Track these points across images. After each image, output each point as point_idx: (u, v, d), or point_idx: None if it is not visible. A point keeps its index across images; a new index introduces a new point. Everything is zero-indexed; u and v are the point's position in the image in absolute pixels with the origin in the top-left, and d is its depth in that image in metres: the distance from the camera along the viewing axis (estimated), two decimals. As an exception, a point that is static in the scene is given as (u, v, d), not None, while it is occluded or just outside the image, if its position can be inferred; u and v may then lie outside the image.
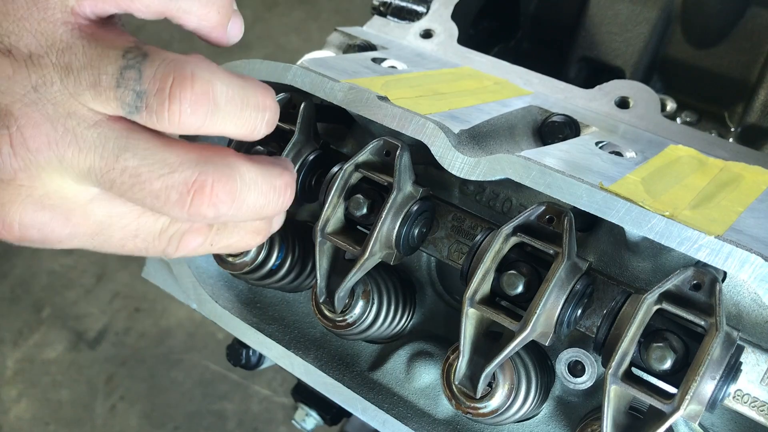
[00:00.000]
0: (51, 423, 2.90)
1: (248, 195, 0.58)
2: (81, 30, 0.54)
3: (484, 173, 0.67)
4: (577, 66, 1.30)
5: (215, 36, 0.61)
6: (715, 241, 0.56)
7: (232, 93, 0.56)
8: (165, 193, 0.55)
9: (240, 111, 0.57)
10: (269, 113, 0.60)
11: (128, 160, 0.54)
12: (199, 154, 0.56)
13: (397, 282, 0.83)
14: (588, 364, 0.71)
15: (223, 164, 0.56)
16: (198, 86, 0.53)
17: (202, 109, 0.54)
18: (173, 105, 0.52)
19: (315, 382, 0.80)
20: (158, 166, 0.54)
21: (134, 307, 3.16)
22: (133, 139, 0.54)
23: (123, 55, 0.53)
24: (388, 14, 1.12)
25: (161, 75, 0.53)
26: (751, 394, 0.64)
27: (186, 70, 0.53)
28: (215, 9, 0.59)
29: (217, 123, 0.55)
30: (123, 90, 0.53)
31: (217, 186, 0.55)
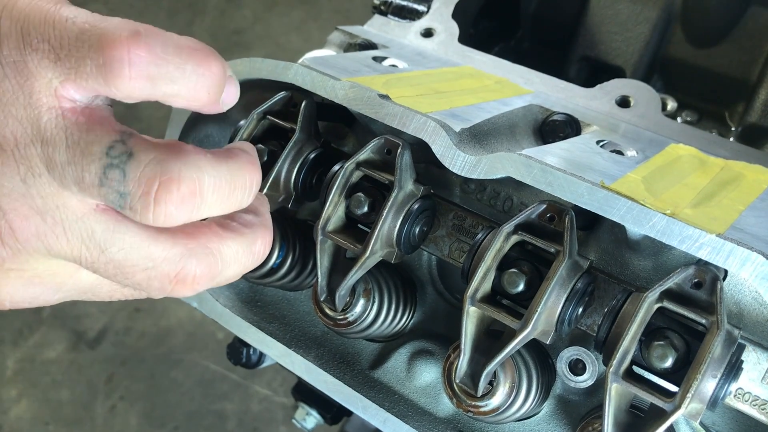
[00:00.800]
0: (51, 423, 2.90)
1: (228, 271, 0.59)
2: (65, 117, 0.52)
3: (485, 172, 0.67)
4: (578, 65, 1.30)
5: (207, 111, 0.58)
6: (717, 240, 0.56)
7: (220, 183, 0.55)
8: (147, 282, 0.55)
9: (227, 197, 0.56)
10: (255, 186, 0.59)
11: (113, 254, 0.54)
12: (184, 247, 0.55)
13: (398, 280, 0.83)
14: (589, 362, 0.71)
15: (207, 253, 0.56)
16: (185, 187, 0.52)
17: (189, 207, 0.53)
18: (158, 208, 0.52)
19: (315, 381, 0.80)
20: (142, 261, 0.54)
21: (134, 307, 3.16)
22: (119, 232, 0.54)
23: (107, 152, 0.52)
24: (389, 13, 1.12)
25: (146, 178, 0.51)
26: (752, 392, 0.64)
27: (173, 172, 0.52)
28: (204, 90, 0.56)
29: (204, 213, 0.55)
30: (107, 189, 0.52)
31: (199, 276, 0.56)
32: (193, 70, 0.54)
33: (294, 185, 0.79)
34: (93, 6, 3.54)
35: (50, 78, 0.52)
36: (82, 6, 0.55)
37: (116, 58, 0.50)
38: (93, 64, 0.51)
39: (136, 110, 3.58)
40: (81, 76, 0.51)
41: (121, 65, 0.50)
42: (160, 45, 0.52)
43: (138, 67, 0.51)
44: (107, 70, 0.51)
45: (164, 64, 0.52)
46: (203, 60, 0.54)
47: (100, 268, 0.55)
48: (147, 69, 0.51)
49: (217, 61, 0.55)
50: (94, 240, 0.54)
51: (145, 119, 3.56)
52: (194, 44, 0.55)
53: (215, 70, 0.55)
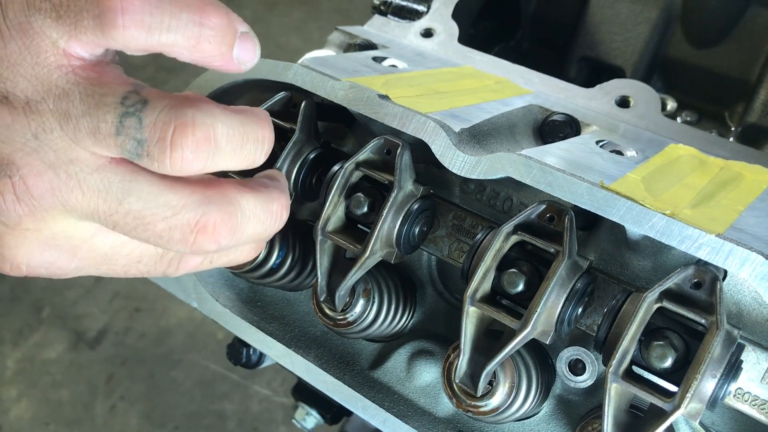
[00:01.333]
0: (51, 423, 2.90)
1: (248, 226, 0.59)
2: (76, 73, 0.53)
3: (485, 172, 0.67)
4: (578, 65, 1.30)
5: (219, 65, 0.58)
6: (716, 240, 0.56)
7: (232, 132, 0.55)
8: (168, 233, 0.55)
9: (240, 148, 0.56)
10: (267, 143, 0.60)
11: (132, 203, 0.54)
12: (202, 195, 0.56)
13: (398, 281, 0.83)
14: (588, 362, 0.71)
15: (225, 202, 0.57)
16: (199, 132, 0.53)
17: (204, 153, 0.53)
18: (175, 153, 0.52)
19: (315, 381, 0.80)
20: (162, 209, 0.54)
21: (134, 307, 3.16)
22: (136, 182, 0.54)
23: (121, 101, 0.52)
24: (389, 13, 1.12)
25: (162, 123, 0.52)
26: (751, 392, 0.64)
27: (187, 116, 0.52)
28: (206, 41, 0.55)
29: (219, 162, 0.55)
30: (123, 138, 0.52)
31: (219, 224, 0.56)
32: (190, 18, 0.53)
33: (294, 185, 0.79)
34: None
35: (55, 38, 0.52)
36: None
37: (110, 7, 0.51)
38: (89, 16, 0.51)
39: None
40: (80, 30, 0.52)
41: (114, 14, 0.51)
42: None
43: (131, 15, 0.51)
44: (102, 21, 0.51)
45: (158, 13, 0.52)
46: (200, 9, 0.54)
47: (119, 221, 0.54)
48: (141, 17, 0.52)
49: (217, 11, 0.55)
50: (111, 191, 0.54)
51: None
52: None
53: (215, 19, 0.55)
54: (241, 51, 0.57)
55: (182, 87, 0.61)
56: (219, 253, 0.64)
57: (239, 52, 0.57)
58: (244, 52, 0.58)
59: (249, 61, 0.59)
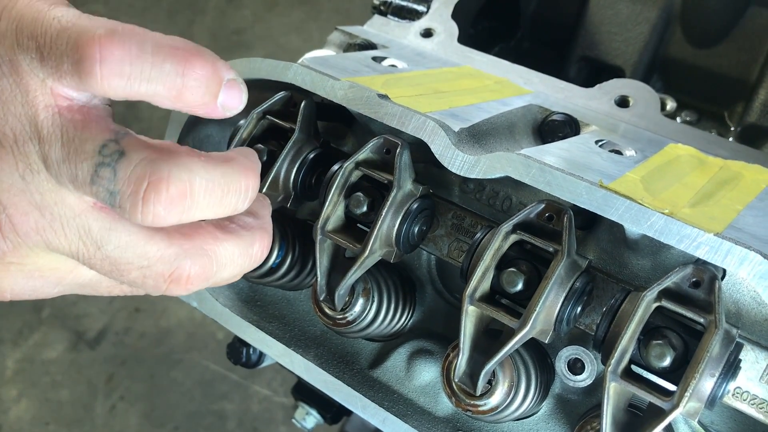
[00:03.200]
0: (51, 423, 2.90)
1: (223, 272, 0.59)
2: (61, 114, 0.53)
3: (484, 171, 0.67)
4: (577, 65, 1.30)
5: (203, 113, 0.56)
6: (715, 239, 0.56)
7: (212, 186, 0.54)
8: (142, 280, 0.56)
9: (220, 200, 0.55)
10: (251, 192, 0.58)
11: (109, 251, 0.54)
12: (179, 248, 0.56)
13: (397, 280, 0.83)
14: (587, 361, 0.72)
15: (201, 254, 0.56)
16: (174, 188, 0.52)
17: (177, 209, 0.53)
18: (146, 208, 0.51)
19: (315, 380, 0.80)
20: (138, 259, 0.55)
21: (134, 307, 3.16)
22: (115, 230, 0.54)
23: (99, 150, 0.52)
24: (389, 13, 1.12)
25: (136, 177, 0.51)
26: (750, 391, 0.64)
27: (162, 172, 0.51)
28: (188, 91, 0.54)
29: (196, 215, 0.54)
30: (97, 188, 0.52)
31: (193, 276, 0.56)
32: (173, 69, 0.52)
33: (293, 185, 0.79)
34: (93, 6, 3.54)
35: (42, 77, 0.52)
36: (82, 5, 0.55)
37: (88, 55, 0.50)
38: (69, 62, 0.51)
39: (136, 110, 3.59)
40: (61, 74, 0.51)
41: (92, 63, 0.50)
42: (136, 43, 0.51)
43: (110, 66, 0.51)
44: (80, 68, 0.51)
45: (139, 63, 0.51)
46: (185, 59, 0.53)
47: (96, 264, 0.55)
48: (120, 67, 0.51)
49: (202, 61, 0.54)
50: (91, 237, 0.54)
51: (146, 119, 3.56)
52: (178, 44, 0.53)
53: (199, 70, 0.54)
54: (226, 98, 0.56)
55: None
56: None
57: (224, 99, 0.56)
58: (230, 100, 0.57)
59: (234, 107, 0.58)
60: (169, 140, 0.87)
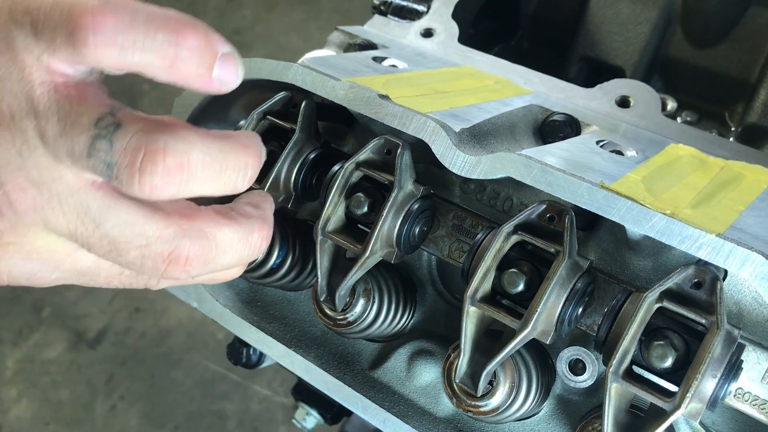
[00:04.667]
0: (51, 423, 2.90)
1: (223, 258, 0.58)
2: (57, 90, 0.52)
3: (485, 172, 0.67)
4: (578, 65, 1.30)
5: (198, 86, 0.56)
6: (716, 240, 0.56)
7: (209, 159, 0.54)
8: (140, 261, 0.55)
9: (218, 175, 0.55)
10: (251, 170, 0.58)
11: (108, 229, 0.54)
12: (178, 227, 0.55)
13: (398, 281, 0.83)
14: (589, 362, 0.71)
15: (201, 236, 0.56)
16: (170, 159, 0.51)
17: (175, 180, 0.52)
18: (144, 178, 0.51)
19: (316, 381, 0.80)
20: (136, 238, 0.54)
21: (134, 307, 3.16)
22: (114, 208, 0.54)
23: (96, 123, 0.52)
24: (389, 13, 1.12)
25: (132, 148, 0.51)
26: (752, 392, 0.64)
27: (159, 143, 0.51)
28: (182, 60, 0.53)
29: (194, 189, 0.54)
30: (94, 160, 0.52)
31: (192, 257, 0.56)
32: (165, 38, 0.52)
33: (294, 185, 0.79)
34: (93, 6, 3.55)
35: (37, 54, 0.52)
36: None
37: (81, 25, 0.50)
38: (62, 34, 0.51)
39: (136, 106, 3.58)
40: (55, 47, 0.51)
41: (85, 32, 0.50)
42: (129, 13, 0.51)
43: (103, 35, 0.51)
44: (74, 39, 0.50)
45: (132, 32, 0.51)
46: (177, 29, 0.53)
47: (95, 243, 0.55)
48: (113, 36, 0.51)
49: (194, 31, 0.53)
50: (89, 214, 0.54)
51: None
52: (171, 15, 0.53)
53: (192, 40, 0.53)
54: (222, 71, 0.56)
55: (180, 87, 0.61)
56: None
57: (220, 72, 0.56)
58: (225, 73, 0.56)
59: (231, 82, 0.57)
60: None
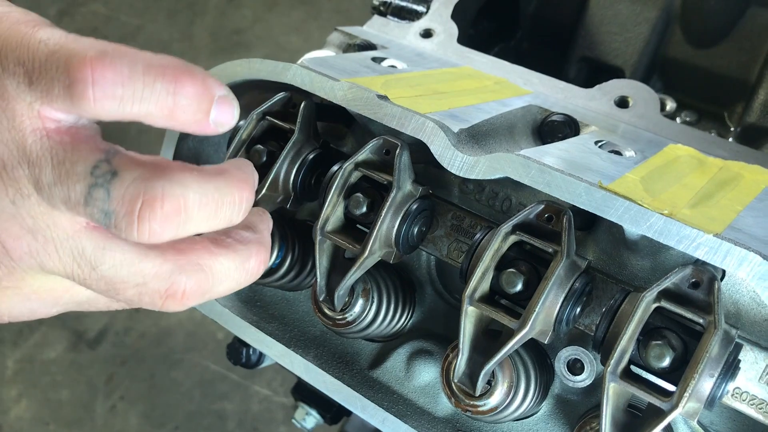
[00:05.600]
0: (51, 423, 2.90)
1: (219, 287, 0.59)
2: (50, 137, 0.52)
3: (484, 172, 0.67)
4: (577, 66, 1.30)
5: (195, 131, 0.56)
6: (714, 240, 0.57)
7: (206, 200, 0.54)
8: (138, 298, 0.56)
9: (215, 213, 0.55)
10: (245, 203, 0.58)
11: (104, 271, 0.54)
12: (174, 264, 0.55)
13: (397, 281, 0.83)
14: (587, 362, 0.72)
15: (197, 270, 0.56)
16: (168, 205, 0.51)
17: (172, 224, 0.52)
18: (142, 226, 0.51)
19: (315, 381, 0.80)
20: (133, 277, 0.55)
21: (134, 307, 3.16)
22: (109, 249, 0.54)
23: (91, 171, 0.52)
24: (388, 14, 1.12)
25: (130, 196, 0.51)
26: (749, 391, 0.64)
27: (156, 190, 0.51)
28: (180, 109, 0.53)
29: (191, 229, 0.54)
30: (92, 209, 0.52)
31: (188, 291, 0.56)
32: (164, 88, 0.52)
33: (293, 186, 0.79)
34: (93, 6, 3.54)
35: (30, 101, 0.52)
36: (82, 5, 0.55)
37: (80, 79, 0.50)
38: (60, 86, 0.50)
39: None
40: (52, 98, 0.51)
41: (84, 86, 0.50)
42: (127, 64, 0.51)
43: (102, 88, 0.50)
44: (72, 92, 0.50)
45: (131, 84, 0.51)
46: (175, 78, 0.53)
47: (92, 284, 0.55)
48: (112, 89, 0.51)
49: (192, 79, 0.53)
50: (85, 257, 0.54)
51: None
52: (167, 62, 0.53)
53: (190, 88, 0.53)
54: (218, 115, 0.56)
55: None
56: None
57: (216, 116, 0.56)
58: (222, 116, 0.56)
59: (227, 123, 0.57)
60: (171, 140, 0.87)
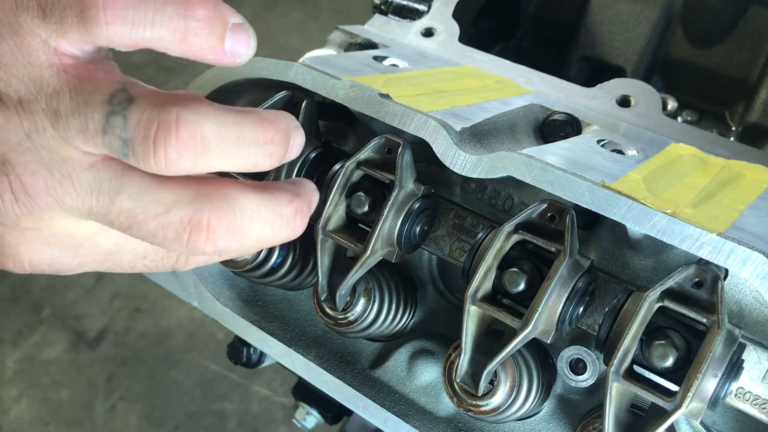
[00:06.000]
0: (51, 423, 2.90)
1: (251, 227, 0.56)
2: (67, 72, 0.53)
3: (486, 171, 0.67)
4: (579, 65, 1.30)
5: (211, 58, 0.55)
6: (717, 239, 0.56)
7: (224, 132, 0.53)
8: (162, 232, 0.54)
9: (235, 148, 0.54)
10: (271, 146, 0.56)
11: (123, 201, 0.53)
12: (196, 191, 0.54)
13: (399, 280, 0.83)
14: (589, 361, 0.71)
15: (221, 199, 0.55)
16: (183, 131, 0.51)
17: (190, 152, 0.52)
18: (158, 151, 0.51)
19: (316, 380, 0.80)
20: (153, 206, 0.53)
21: (134, 307, 3.16)
22: (127, 180, 0.54)
23: (109, 100, 0.52)
24: (389, 13, 1.12)
25: (146, 122, 0.51)
26: (752, 391, 0.64)
27: (171, 114, 0.51)
28: (192, 32, 0.53)
29: (210, 162, 0.53)
30: (110, 137, 0.52)
31: (214, 222, 0.54)
32: (175, 11, 0.52)
33: (294, 185, 0.79)
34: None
35: (45, 37, 0.52)
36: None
37: (91, 3, 0.51)
38: (73, 14, 0.51)
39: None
40: (65, 28, 0.51)
41: (96, 10, 0.51)
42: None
43: (113, 11, 0.51)
44: (85, 17, 0.51)
45: (142, 7, 0.51)
46: (185, 0, 0.53)
47: (113, 220, 0.54)
48: (123, 12, 0.51)
49: (203, 2, 0.53)
50: (103, 189, 0.53)
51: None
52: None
53: (201, 11, 0.53)
54: (234, 43, 0.56)
55: (182, 86, 0.60)
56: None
57: (232, 44, 0.55)
58: (237, 44, 0.56)
59: (244, 53, 0.57)
60: None
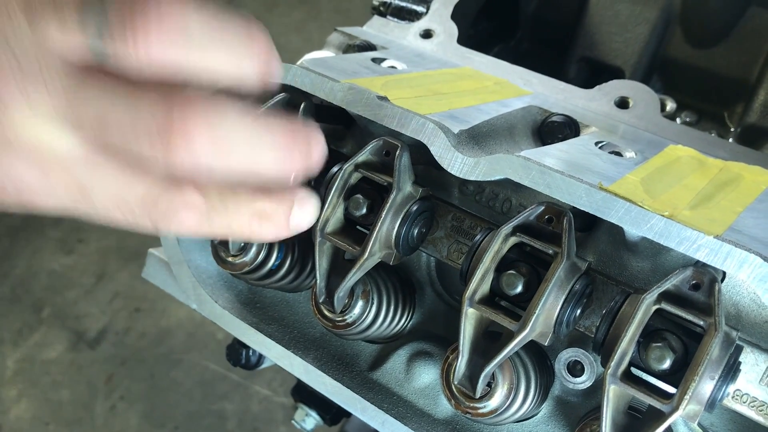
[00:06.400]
0: (51, 423, 2.90)
1: (237, 144, 0.52)
2: None
3: (484, 173, 0.67)
4: (577, 66, 1.30)
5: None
6: (714, 241, 0.56)
7: (207, 21, 0.51)
8: (134, 134, 0.50)
9: (220, 41, 0.51)
10: (257, 46, 0.53)
11: (96, 100, 0.51)
12: (175, 94, 0.51)
13: (397, 282, 0.83)
14: (587, 364, 0.71)
15: (204, 104, 0.51)
16: (167, 17, 0.49)
17: (171, 42, 0.49)
18: (138, 35, 0.48)
19: (314, 382, 0.80)
20: (126, 107, 0.50)
21: (134, 307, 3.16)
22: (102, 81, 0.51)
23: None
24: (388, 14, 1.12)
25: (124, 4, 0.49)
26: (750, 393, 0.64)
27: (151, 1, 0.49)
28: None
29: (195, 56, 0.50)
30: (86, 25, 0.49)
31: (191, 122, 0.49)
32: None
33: (293, 187, 0.79)
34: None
35: None
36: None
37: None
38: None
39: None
40: None
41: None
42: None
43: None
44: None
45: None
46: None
47: (84, 123, 0.51)
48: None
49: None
50: (77, 91, 0.51)
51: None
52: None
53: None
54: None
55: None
56: (217, 212, 0.57)
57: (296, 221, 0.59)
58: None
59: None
60: None
